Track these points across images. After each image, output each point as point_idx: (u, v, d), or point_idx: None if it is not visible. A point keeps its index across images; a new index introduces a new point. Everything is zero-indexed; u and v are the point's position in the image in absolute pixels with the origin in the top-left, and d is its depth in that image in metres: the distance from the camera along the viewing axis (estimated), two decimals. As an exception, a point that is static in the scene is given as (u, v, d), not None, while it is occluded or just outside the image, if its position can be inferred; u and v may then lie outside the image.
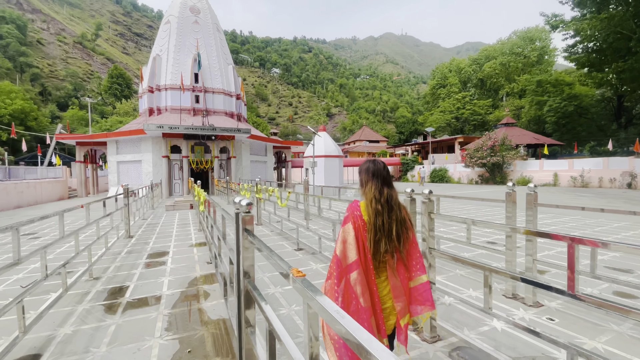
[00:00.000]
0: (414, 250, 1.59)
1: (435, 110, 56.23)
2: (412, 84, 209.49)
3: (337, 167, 17.56)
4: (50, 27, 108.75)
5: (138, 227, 8.67)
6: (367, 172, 1.64)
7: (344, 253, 1.47)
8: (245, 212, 1.82)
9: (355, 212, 1.55)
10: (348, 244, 1.48)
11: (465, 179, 27.29)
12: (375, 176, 1.60)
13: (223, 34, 26.69)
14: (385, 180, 1.61)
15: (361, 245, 1.48)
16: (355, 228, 1.50)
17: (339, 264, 1.47)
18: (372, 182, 1.59)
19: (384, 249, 1.49)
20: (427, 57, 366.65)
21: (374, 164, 1.64)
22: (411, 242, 1.58)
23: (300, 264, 4.86)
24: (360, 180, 1.69)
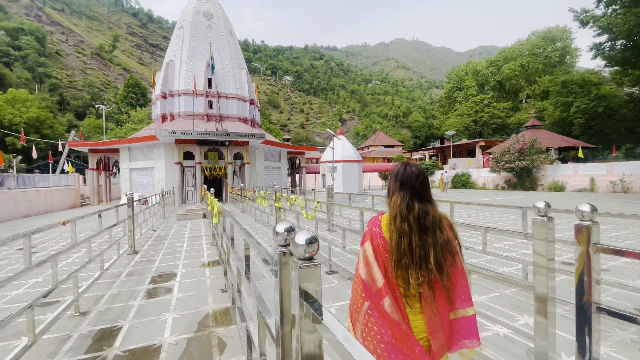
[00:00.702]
0: (459, 278, 1.25)
1: (452, 113, 54.64)
2: (425, 89, 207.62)
3: (357, 172, 16.51)
4: (69, 39, 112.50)
5: (145, 240, 7.81)
6: (395, 179, 1.33)
7: (370, 276, 1.22)
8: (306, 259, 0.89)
9: (374, 229, 1.29)
10: (371, 265, 1.22)
11: (491, 185, 25.77)
12: (404, 185, 1.28)
13: (236, 38, 26.27)
14: (417, 191, 1.27)
15: (382, 267, 1.22)
16: (374, 247, 1.24)
17: (367, 289, 1.21)
18: (399, 193, 1.28)
19: (414, 280, 1.18)
20: (439, 61, 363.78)
21: (405, 169, 1.32)
22: (456, 269, 1.25)
23: (337, 294, 3.82)
24: (388, 188, 1.38)
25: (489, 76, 57.37)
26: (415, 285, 1.20)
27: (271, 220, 9.28)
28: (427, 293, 1.21)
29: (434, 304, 1.21)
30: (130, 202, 6.28)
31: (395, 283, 1.22)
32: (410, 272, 1.20)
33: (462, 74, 60.02)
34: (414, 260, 1.20)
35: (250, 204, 13.05)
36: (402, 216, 1.23)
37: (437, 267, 1.21)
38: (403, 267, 1.21)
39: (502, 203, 13.93)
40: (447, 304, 1.23)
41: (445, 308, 1.23)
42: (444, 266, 1.22)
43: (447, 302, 1.23)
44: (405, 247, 1.20)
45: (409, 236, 1.21)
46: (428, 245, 1.22)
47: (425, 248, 1.21)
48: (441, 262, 1.21)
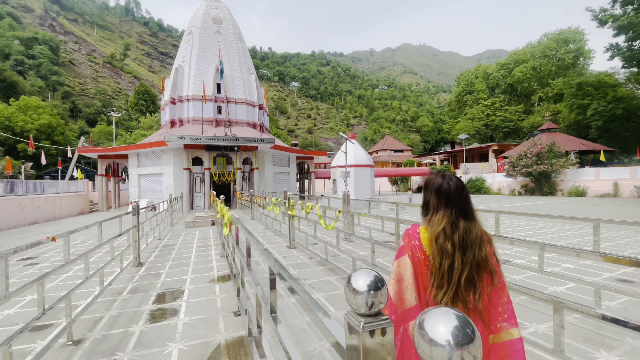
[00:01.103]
0: (499, 296, 1.12)
1: (463, 117, 53.74)
2: (432, 93, 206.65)
3: (369, 177, 15.96)
4: (81, 48, 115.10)
5: (151, 250, 7.38)
6: (437, 194, 1.20)
7: (399, 295, 1.13)
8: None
9: (414, 242, 1.18)
10: (405, 283, 1.13)
11: (507, 190, 24.91)
12: (450, 202, 1.17)
13: (245, 43, 26.15)
14: (463, 208, 1.17)
15: (421, 285, 1.13)
16: (414, 262, 1.15)
17: (393, 309, 1.12)
18: (444, 211, 1.17)
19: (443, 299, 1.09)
20: (447, 66, 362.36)
21: (447, 182, 1.20)
22: (495, 287, 1.13)
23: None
24: (425, 202, 1.24)
25: (500, 79, 56.43)
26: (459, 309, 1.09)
27: (283, 228, 8.79)
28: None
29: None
30: (135, 211, 5.86)
31: (432, 303, 1.13)
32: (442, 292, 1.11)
33: (472, 78, 59.22)
34: (451, 281, 1.11)
35: (260, 211, 12.60)
36: (446, 235, 1.15)
37: (467, 286, 1.11)
38: (439, 287, 1.12)
39: (527, 210, 13.22)
40: (483, 326, 1.10)
41: (482, 331, 1.09)
42: (477, 284, 1.12)
43: (482, 324, 1.10)
44: (446, 268, 1.12)
45: (451, 257, 1.13)
46: (466, 265, 1.13)
47: (464, 268, 1.12)
48: (473, 280, 1.12)
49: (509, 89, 56.32)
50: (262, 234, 9.32)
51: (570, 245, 6.53)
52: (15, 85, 46.71)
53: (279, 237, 8.43)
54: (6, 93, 41.43)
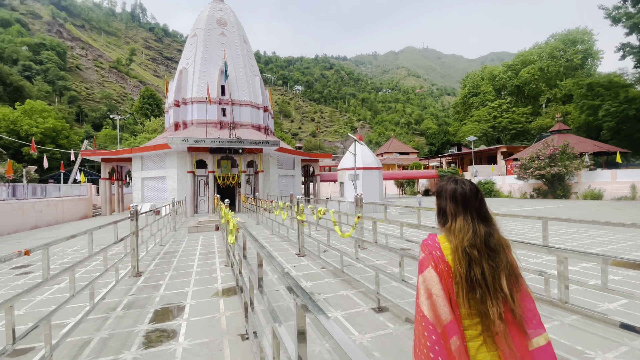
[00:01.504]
0: (527, 302, 1.10)
1: (469, 119, 53.09)
2: (436, 96, 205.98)
3: (377, 180, 15.45)
4: (88, 53, 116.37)
5: (152, 257, 6.95)
6: (453, 200, 1.17)
7: (434, 312, 1.05)
8: None
9: (435, 252, 1.12)
10: (435, 296, 1.06)
11: (517, 193, 24.23)
12: (468, 206, 1.15)
13: (250, 45, 25.90)
14: (480, 212, 1.15)
15: (448, 298, 1.06)
16: (439, 274, 1.08)
17: (431, 328, 1.04)
18: (465, 217, 1.14)
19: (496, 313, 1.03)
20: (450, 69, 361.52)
21: (461, 186, 1.17)
22: (523, 294, 1.10)
23: (398, 347, 2.79)
24: (441, 209, 1.21)
25: (507, 81, 55.75)
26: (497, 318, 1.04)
27: (291, 234, 8.33)
28: (500, 325, 1.04)
29: (509, 338, 1.04)
30: (134, 216, 5.43)
31: (459, 317, 1.07)
32: (489, 305, 1.04)
33: (477, 79, 58.63)
34: (489, 289, 1.06)
35: (265, 215, 12.16)
36: (470, 242, 1.10)
37: (510, 294, 1.07)
38: (477, 300, 1.06)
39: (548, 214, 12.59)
40: (523, 335, 1.06)
41: (520, 340, 1.06)
42: (514, 292, 1.08)
43: (521, 333, 1.06)
44: (478, 276, 1.07)
45: (480, 264, 1.08)
46: (499, 270, 1.08)
47: (494, 274, 1.08)
48: (511, 288, 1.08)
49: (515, 91, 55.60)
50: (268, 239, 8.86)
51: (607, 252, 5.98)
52: (21, 90, 47.00)
53: (287, 244, 7.96)
54: (12, 97, 41.70)
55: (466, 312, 1.09)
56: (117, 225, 4.66)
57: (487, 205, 1.19)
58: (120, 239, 4.75)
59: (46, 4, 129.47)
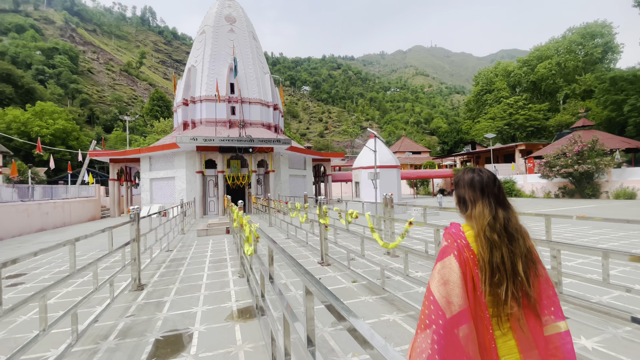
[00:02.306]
0: (545, 288, 1.11)
1: (483, 117, 51.56)
2: (445, 95, 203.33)
3: (395, 179, 14.54)
4: (99, 57, 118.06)
5: (157, 265, 6.23)
6: (472, 187, 1.19)
7: (447, 299, 1.04)
8: None
9: (460, 241, 1.12)
10: (452, 285, 1.05)
11: (541, 192, 22.97)
12: (486, 193, 1.17)
13: (259, 42, 25.26)
14: (498, 198, 1.17)
15: (471, 287, 1.07)
16: (461, 262, 1.08)
17: (440, 313, 1.03)
18: (483, 202, 1.15)
19: (510, 296, 1.06)
20: (459, 67, 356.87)
21: (479, 175, 1.20)
22: (541, 279, 1.12)
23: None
24: (460, 197, 1.23)
25: (522, 77, 53.96)
26: (513, 301, 1.07)
27: (311, 239, 7.52)
28: (515, 310, 1.09)
29: (523, 321, 1.08)
30: (134, 219, 4.70)
31: (484, 304, 1.08)
32: (503, 288, 1.07)
33: (491, 76, 56.99)
34: (507, 274, 1.08)
35: (279, 217, 11.40)
36: (491, 226, 1.12)
37: (526, 279, 1.09)
38: (496, 283, 1.07)
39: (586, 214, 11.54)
40: (537, 320, 1.09)
41: (536, 324, 1.09)
42: (530, 277, 1.10)
43: (536, 317, 1.09)
44: (498, 260, 1.08)
45: (500, 248, 1.10)
46: (516, 255, 1.10)
47: (513, 259, 1.10)
48: (528, 272, 1.10)
49: (531, 87, 53.78)
50: (284, 244, 8.07)
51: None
52: (33, 92, 47.49)
53: (306, 250, 7.15)
54: (24, 99, 42.10)
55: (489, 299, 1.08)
56: (112, 231, 3.90)
57: (504, 192, 1.20)
58: (117, 248, 4.00)
59: (59, 9, 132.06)
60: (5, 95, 40.26)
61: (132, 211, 4.68)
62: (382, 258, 5.87)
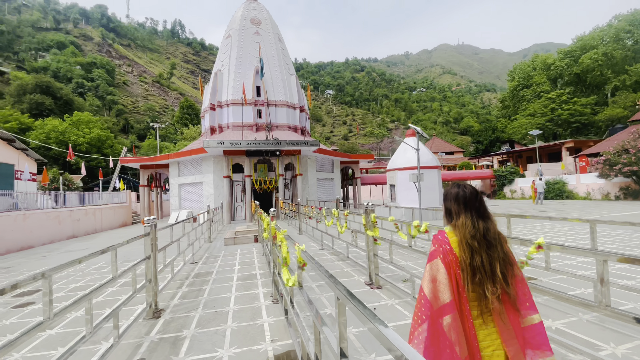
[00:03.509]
0: (521, 286, 1.32)
1: (522, 113, 48.17)
2: (474, 93, 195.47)
3: (436, 181, 13.20)
4: (134, 70, 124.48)
5: (179, 283, 5.48)
6: (456, 201, 1.39)
7: (434, 294, 1.25)
8: None
9: (444, 246, 1.32)
10: (439, 282, 1.26)
11: (598, 194, 20.49)
12: (468, 206, 1.36)
13: (285, 44, 24.77)
14: (479, 211, 1.37)
15: (454, 283, 1.26)
16: (446, 264, 1.28)
17: (428, 305, 1.24)
18: (465, 214, 1.35)
19: (491, 293, 1.25)
20: (489, 64, 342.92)
21: (464, 191, 1.40)
22: (517, 278, 1.32)
23: None
24: (447, 209, 1.44)
25: (564, 69, 49.95)
26: (493, 298, 1.24)
27: (352, 253, 6.49)
28: (496, 305, 1.26)
29: (504, 315, 1.25)
30: (151, 232, 3.92)
31: (466, 298, 1.25)
32: (486, 286, 1.25)
33: (528, 70, 53.34)
34: (487, 275, 1.25)
35: (310, 223, 10.49)
36: (472, 235, 1.30)
37: (503, 279, 1.27)
38: (477, 283, 1.25)
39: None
40: (516, 313, 1.26)
41: (515, 317, 1.26)
42: (508, 277, 1.28)
43: (515, 311, 1.27)
44: (478, 263, 1.26)
45: (479, 253, 1.27)
46: (494, 259, 1.28)
47: (492, 262, 1.28)
48: (505, 273, 1.28)
49: (575, 80, 49.64)
50: (319, 256, 7.12)
51: None
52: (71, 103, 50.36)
53: (347, 265, 6.14)
54: (62, 110, 44.67)
55: (472, 295, 1.26)
56: (115, 253, 3.11)
57: (486, 205, 1.40)
58: (124, 270, 3.21)
59: (97, 26, 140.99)
60: (45, 106, 42.91)
61: (147, 222, 3.90)
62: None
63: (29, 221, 11.04)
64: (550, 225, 9.99)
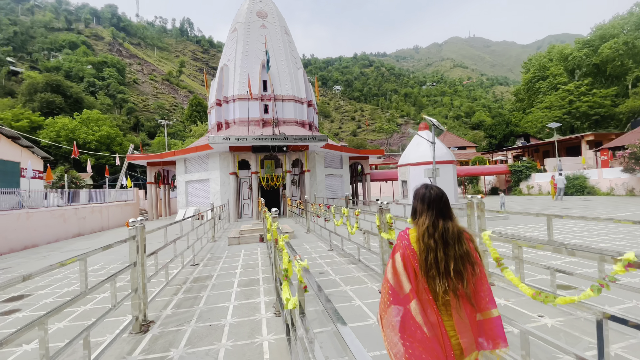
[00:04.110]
0: (481, 284, 1.39)
1: (538, 106, 46.52)
2: (486, 87, 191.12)
3: (451, 177, 12.51)
4: (143, 68, 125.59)
5: (175, 289, 5.05)
6: (421, 201, 1.49)
7: (398, 284, 1.39)
8: None
9: (404, 242, 1.46)
10: (400, 274, 1.39)
11: (622, 189, 19.40)
12: (431, 207, 1.45)
13: (292, 37, 24.18)
14: (442, 211, 1.45)
15: (413, 275, 1.38)
16: (404, 258, 1.41)
17: (394, 293, 1.38)
18: (427, 214, 1.45)
19: (441, 289, 1.34)
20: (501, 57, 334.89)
21: (429, 191, 1.49)
22: (478, 277, 1.38)
23: None
24: (414, 208, 1.53)
25: (582, 59, 47.92)
26: (442, 293, 1.34)
27: (364, 255, 5.97)
28: (453, 299, 1.35)
29: (460, 309, 1.35)
30: (137, 235, 3.48)
31: (427, 289, 1.36)
32: (437, 282, 1.33)
33: (544, 61, 51.46)
34: (440, 271, 1.33)
35: (317, 222, 9.99)
36: (429, 234, 1.39)
37: (456, 277, 1.34)
38: (431, 277, 1.35)
39: None
40: (472, 308, 1.36)
41: (471, 312, 1.35)
42: (464, 275, 1.35)
43: (471, 306, 1.35)
44: (432, 260, 1.34)
45: (434, 251, 1.35)
46: (449, 257, 1.35)
47: (447, 260, 1.35)
48: (461, 271, 1.34)
49: (594, 70, 47.59)
50: (326, 258, 6.62)
51: None
52: (81, 101, 50.82)
53: (359, 269, 5.62)
54: (72, 108, 45.10)
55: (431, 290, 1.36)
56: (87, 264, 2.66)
57: (449, 206, 1.47)
58: (101, 282, 2.76)
59: (107, 26, 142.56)
60: (56, 105, 43.34)
61: (132, 225, 3.45)
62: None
63: (32, 220, 10.85)
64: (578, 224, 9.26)
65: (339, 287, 4.58)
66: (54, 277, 6.28)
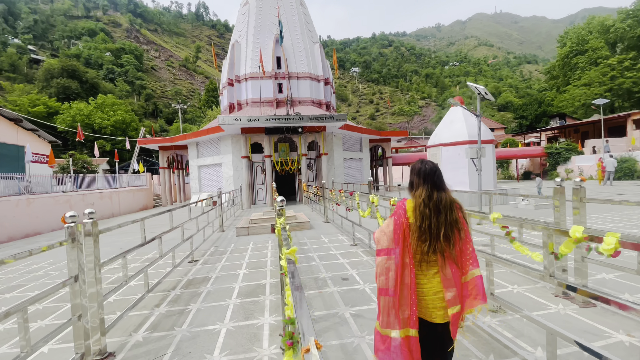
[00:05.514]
0: (466, 247, 1.54)
1: (575, 83, 42.66)
2: (513, 66, 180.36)
3: (491, 159, 10.89)
4: (161, 54, 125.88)
5: (161, 297, 4.01)
6: (418, 175, 1.61)
7: (378, 240, 1.58)
8: None
9: (400, 210, 1.57)
10: (384, 233, 1.55)
11: (684, 173, 17.00)
12: (427, 180, 1.57)
13: (307, 9, 22.42)
14: (436, 183, 1.58)
15: (402, 238, 1.51)
16: (396, 223, 1.53)
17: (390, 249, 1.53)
18: (423, 187, 1.57)
19: (429, 250, 1.49)
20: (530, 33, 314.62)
21: (425, 166, 1.62)
22: (464, 241, 1.54)
23: None
24: (410, 182, 1.67)
25: (626, 31, 43.11)
26: (431, 253, 1.49)
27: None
28: (440, 259, 1.50)
29: (446, 268, 1.50)
30: (72, 236, 2.38)
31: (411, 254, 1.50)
32: (427, 244, 1.48)
33: (583, 34, 46.77)
34: (432, 235, 1.48)
35: (337, 210, 8.79)
36: (425, 204, 1.52)
37: (445, 240, 1.49)
38: (422, 241, 1.49)
39: None
40: (457, 268, 1.50)
41: (456, 271, 1.50)
42: (451, 239, 1.50)
43: (456, 267, 1.50)
44: (426, 227, 1.49)
45: (429, 218, 1.49)
46: (440, 223, 1.49)
47: (438, 226, 1.49)
48: (449, 235, 1.49)
49: (638, 43, 42.77)
50: (350, 256, 5.43)
51: None
52: (97, 86, 51.12)
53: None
54: (88, 94, 45.38)
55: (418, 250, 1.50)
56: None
57: (443, 179, 1.59)
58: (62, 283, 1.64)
59: (124, 12, 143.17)
60: (72, 90, 43.64)
61: (69, 221, 2.34)
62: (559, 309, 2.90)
63: (33, 206, 10.24)
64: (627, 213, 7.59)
65: (371, 304, 3.37)
66: (34, 265, 5.42)
